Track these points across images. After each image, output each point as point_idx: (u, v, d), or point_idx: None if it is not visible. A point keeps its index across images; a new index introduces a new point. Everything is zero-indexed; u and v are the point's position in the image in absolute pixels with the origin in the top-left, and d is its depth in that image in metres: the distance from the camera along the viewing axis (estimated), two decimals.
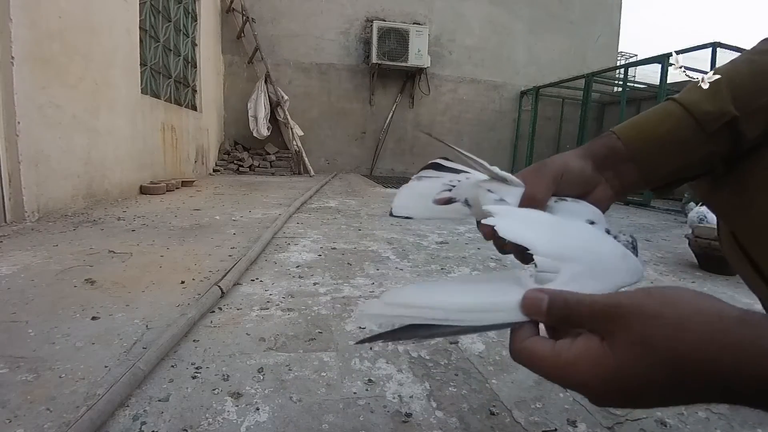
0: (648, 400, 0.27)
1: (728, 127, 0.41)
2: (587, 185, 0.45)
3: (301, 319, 1.16)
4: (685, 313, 0.26)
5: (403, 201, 0.54)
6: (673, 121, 0.43)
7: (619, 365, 0.27)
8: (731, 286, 1.70)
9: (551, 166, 0.44)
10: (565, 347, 0.30)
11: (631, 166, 0.45)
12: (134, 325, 1.07)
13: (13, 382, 0.80)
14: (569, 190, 0.44)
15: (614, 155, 0.45)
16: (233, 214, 2.72)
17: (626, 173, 0.45)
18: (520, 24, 7.60)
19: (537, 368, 0.31)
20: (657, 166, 0.45)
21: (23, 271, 1.45)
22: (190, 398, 0.78)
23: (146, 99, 3.80)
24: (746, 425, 0.79)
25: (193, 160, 5.09)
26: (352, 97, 7.15)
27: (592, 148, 0.46)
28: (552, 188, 0.43)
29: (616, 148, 0.45)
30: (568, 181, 0.44)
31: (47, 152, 2.40)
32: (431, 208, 0.51)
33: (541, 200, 0.42)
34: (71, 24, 2.61)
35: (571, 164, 0.44)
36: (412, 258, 1.87)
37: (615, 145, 0.45)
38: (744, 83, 0.42)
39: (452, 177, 0.52)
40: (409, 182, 0.56)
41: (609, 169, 0.45)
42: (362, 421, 0.74)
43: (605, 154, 0.45)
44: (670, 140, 0.43)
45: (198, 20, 5.30)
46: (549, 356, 0.30)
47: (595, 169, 0.45)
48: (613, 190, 0.46)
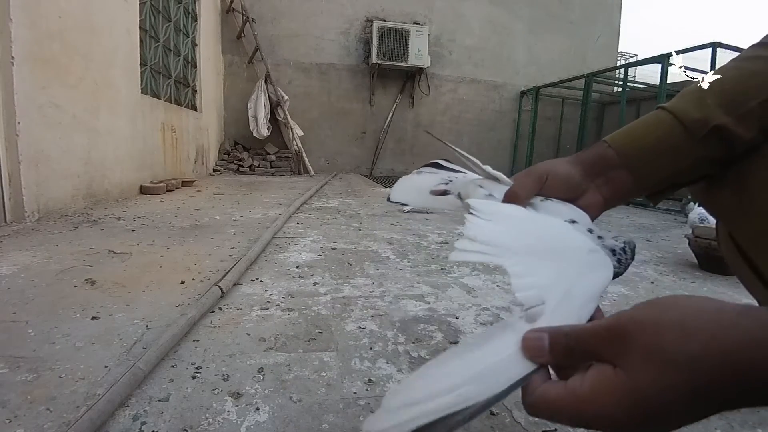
0: (677, 416, 0.25)
1: (717, 132, 0.42)
2: (574, 190, 0.46)
3: (301, 319, 1.16)
4: (688, 315, 0.25)
5: (401, 188, 0.58)
6: (664, 128, 0.45)
7: (636, 386, 0.25)
8: (731, 287, 1.70)
9: (538, 168, 0.47)
10: (578, 383, 0.28)
11: (624, 173, 0.46)
12: (134, 325, 1.07)
13: (13, 382, 0.80)
14: (555, 193, 0.46)
15: (605, 162, 0.46)
16: (233, 214, 2.72)
17: (618, 180, 0.46)
18: (520, 24, 7.60)
19: (556, 414, 0.28)
20: (650, 173, 0.46)
21: (23, 271, 1.44)
22: (190, 398, 0.78)
23: (146, 99, 3.80)
24: (746, 425, 0.79)
25: (193, 160, 5.10)
26: (352, 97, 7.15)
27: (582, 155, 0.48)
28: (535, 188, 0.46)
29: (607, 155, 0.46)
30: (553, 184, 0.46)
31: (47, 152, 2.40)
32: (426, 198, 0.55)
33: (522, 197, 0.45)
34: (71, 24, 2.61)
35: (558, 168, 0.47)
36: (412, 258, 1.87)
37: (605, 152, 0.47)
38: (731, 89, 0.43)
39: (450, 174, 0.56)
40: (410, 174, 0.59)
41: (599, 176, 0.47)
42: (362, 421, 0.74)
43: (595, 161, 0.47)
44: (662, 147, 0.44)
45: (198, 20, 5.30)
46: (564, 396, 0.28)
47: (584, 176, 0.47)
48: (603, 196, 0.47)
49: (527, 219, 0.43)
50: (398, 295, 1.39)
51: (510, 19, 7.54)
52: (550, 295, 0.34)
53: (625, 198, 0.48)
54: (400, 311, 1.25)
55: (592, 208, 0.46)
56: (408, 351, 1.01)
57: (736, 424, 0.79)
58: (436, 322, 1.19)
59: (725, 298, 1.55)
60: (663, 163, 0.45)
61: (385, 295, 1.39)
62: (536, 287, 0.34)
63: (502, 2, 7.47)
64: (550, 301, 0.33)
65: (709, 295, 1.61)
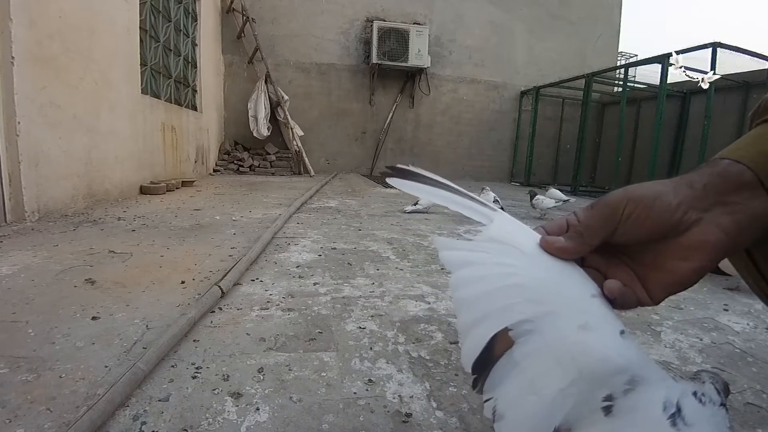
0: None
1: None
2: (675, 223, 0.34)
3: (301, 319, 1.16)
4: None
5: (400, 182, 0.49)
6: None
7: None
8: (731, 287, 1.70)
9: (612, 198, 0.36)
10: None
11: (765, 198, 0.33)
12: (134, 325, 1.07)
13: (13, 382, 0.80)
14: (640, 231, 0.34)
15: (731, 182, 0.34)
16: (233, 214, 2.72)
17: (755, 207, 0.33)
18: (520, 24, 7.60)
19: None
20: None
21: (23, 271, 1.45)
22: (191, 398, 0.78)
23: (146, 99, 3.80)
24: (746, 425, 0.79)
25: (193, 160, 5.09)
26: (352, 97, 7.15)
27: (688, 176, 0.35)
28: (605, 230, 0.35)
29: (733, 173, 0.34)
30: (640, 216, 0.34)
31: (47, 152, 2.40)
32: (422, 189, 0.45)
33: (572, 251, 0.36)
34: (71, 24, 2.61)
35: (646, 191, 0.34)
36: (412, 258, 1.87)
37: (730, 170, 0.34)
38: None
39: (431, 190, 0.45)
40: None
41: (720, 204, 0.34)
42: (362, 421, 0.74)
43: (713, 180, 0.34)
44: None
45: (198, 20, 5.30)
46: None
47: (694, 200, 0.34)
48: (725, 231, 0.33)
49: None
50: (398, 295, 1.39)
51: (510, 19, 7.54)
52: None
53: (762, 232, 0.34)
54: (400, 311, 1.25)
55: (704, 248, 0.33)
56: (408, 351, 1.01)
57: (736, 424, 0.79)
58: (437, 322, 1.19)
59: (725, 298, 1.55)
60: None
61: (385, 295, 1.39)
62: None
63: (502, 2, 7.47)
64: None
65: (709, 295, 1.59)
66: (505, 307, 0.32)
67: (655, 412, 0.28)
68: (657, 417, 0.28)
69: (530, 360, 0.31)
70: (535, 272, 0.34)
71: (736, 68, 5.06)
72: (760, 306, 1.41)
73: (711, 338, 1.18)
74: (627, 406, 0.28)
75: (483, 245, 0.37)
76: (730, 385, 0.91)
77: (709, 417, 0.29)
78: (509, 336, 0.32)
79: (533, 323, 0.31)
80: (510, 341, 0.32)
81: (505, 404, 0.31)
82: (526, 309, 0.32)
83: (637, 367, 0.30)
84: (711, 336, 1.20)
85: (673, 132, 6.30)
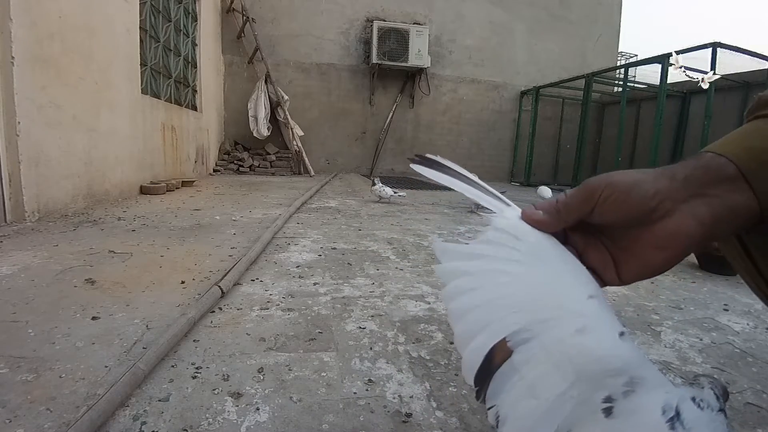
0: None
1: None
2: (649, 211, 0.34)
3: (301, 319, 1.16)
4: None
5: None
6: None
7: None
8: (731, 287, 1.70)
9: (594, 181, 0.37)
10: None
11: (745, 192, 0.33)
12: (134, 325, 1.07)
13: (13, 382, 0.80)
14: (615, 215, 0.35)
15: (712, 175, 0.34)
16: (233, 214, 2.72)
17: (734, 200, 0.34)
18: (520, 24, 7.60)
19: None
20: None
21: (23, 271, 1.44)
22: (191, 398, 0.78)
23: (146, 99, 3.81)
24: (746, 425, 0.79)
25: (193, 160, 5.10)
26: (353, 97, 7.16)
27: (671, 168, 0.37)
28: (581, 208, 0.37)
29: (714, 166, 0.35)
30: (615, 201, 0.35)
31: (47, 152, 2.40)
32: (443, 178, 0.45)
33: (549, 223, 0.38)
34: (71, 24, 2.61)
35: (624, 178, 0.36)
36: (412, 258, 1.87)
37: (712, 162, 0.35)
38: None
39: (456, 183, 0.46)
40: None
41: (699, 196, 0.34)
42: (362, 421, 0.74)
43: (694, 172, 0.35)
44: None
45: (198, 20, 5.30)
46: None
47: (670, 191, 0.35)
48: (701, 221, 0.33)
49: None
50: (398, 295, 1.39)
51: (510, 19, 7.54)
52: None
53: (740, 226, 0.35)
54: (400, 311, 1.25)
55: (677, 238, 0.34)
56: (408, 351, 1.01)
57: (736, 424, 0.79)
58: (437, 322, 1.19)
59: (725, 299, 1.55)
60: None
61: (385, 295, 1.39)
62: None
63: (502, 2, 7.47)
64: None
65: (709, 295, 1.59)
66: (500, 318, 0.33)
67: (655, 416, 0.28)
68: (656, 420, 0.28)
69: (529, 366, 0.32)
70: (532, 277, 0.35)
71: (736, 68, 5.06)
72: (760, 306, 1.41)
73: (711, 338, 1.18)
74: (627, 408, 0.29)
75: (480, 248, 0.38)
76: (730, 385, 0.92)
77: (707, 422, 0.29)
78: (507, 346, 0.32)
79: (530, 331, 0.32)
80: (509, 351, 0.32)
81: (507, 410, 0.32)
82: (522, 319, 0.33)
83: (635, 367, 0.30)
84: (711, 336, 1.20)
85: (673, 132, 6.30)
